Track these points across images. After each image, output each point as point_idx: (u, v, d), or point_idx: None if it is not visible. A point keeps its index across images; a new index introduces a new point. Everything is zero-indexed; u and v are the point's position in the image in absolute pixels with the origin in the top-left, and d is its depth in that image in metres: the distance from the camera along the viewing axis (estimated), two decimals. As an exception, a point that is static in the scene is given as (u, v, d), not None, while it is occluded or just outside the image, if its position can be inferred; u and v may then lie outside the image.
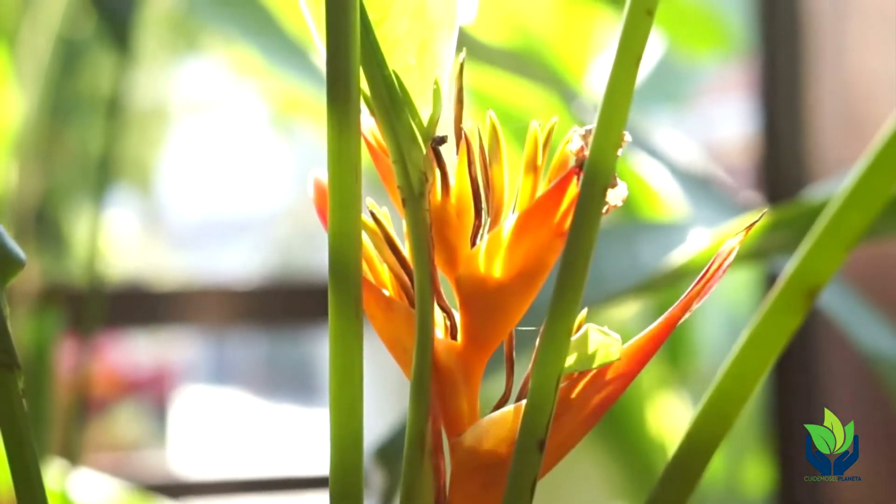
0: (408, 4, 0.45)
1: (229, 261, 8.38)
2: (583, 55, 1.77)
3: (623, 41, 0.41)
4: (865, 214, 0.35)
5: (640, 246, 0.79)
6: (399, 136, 0.44)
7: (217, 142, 8.29)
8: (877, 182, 0.35)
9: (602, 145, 0.41)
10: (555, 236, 0.43)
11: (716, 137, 6.10)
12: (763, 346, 0.37)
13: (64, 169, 2.71)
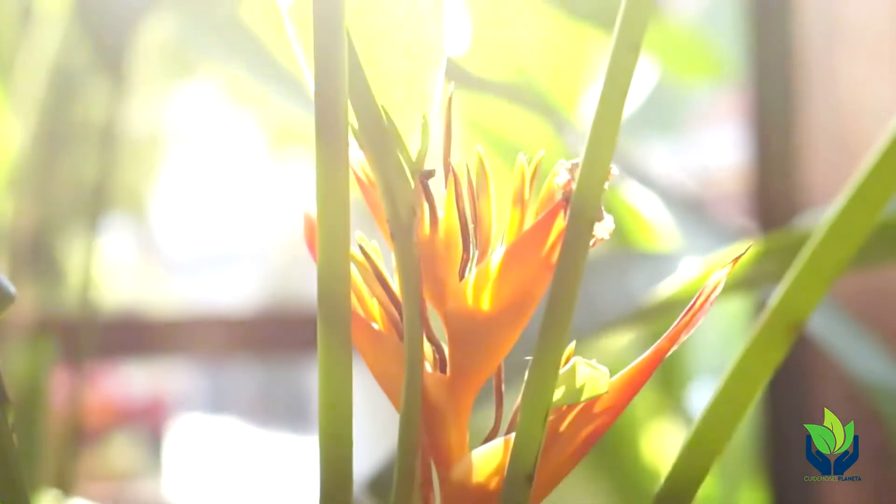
0: (396, 40, 0.45)
1: (225, 288, 8.38)
2: (576, 83, 1.77)
3: (608, 76, 0.41)
4: (846, 248, 0.35)
5: (632, 275, 0.80)
6: (387, 171, 0.44)
7: (212, 170, 8.29)
8: (856, 216, 0.35)
9: (589, 179, 0.41)
10: (542, 269, 0.43)
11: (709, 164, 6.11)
12: (747, 380, 0.37)
13: (59, 198, 2.71)
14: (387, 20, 0.45)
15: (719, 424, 0.39)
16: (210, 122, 5.31)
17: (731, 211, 5.17)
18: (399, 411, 0.44)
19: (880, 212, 0.36)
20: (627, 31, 0.40)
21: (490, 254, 0.45)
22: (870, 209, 0.36)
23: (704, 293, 0.43)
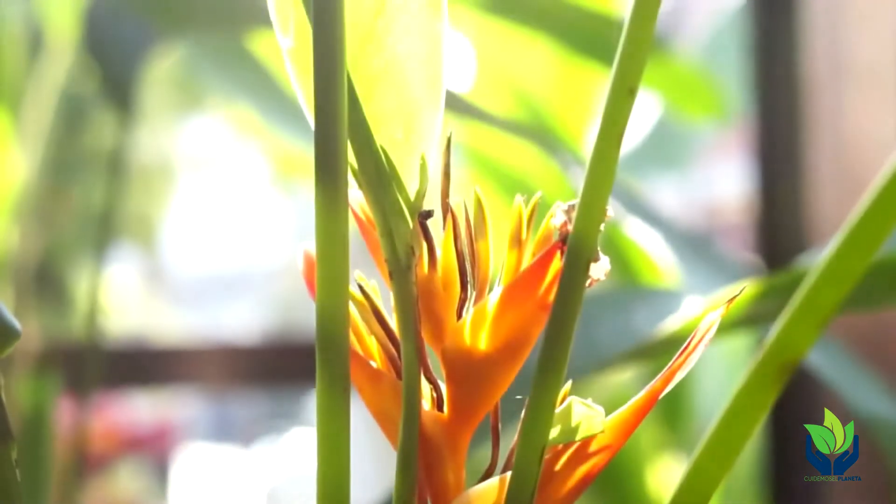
0: (395, 80, 0.46)
1: (230, 316, 8.38)
2: (582, 117, 1.78)
3: (605, 120, 0.41)
4: (840, 289, 0.35)
5: (634, 312, 0.80)
6: (386, 210, 0.45)
7: (218, 198, 8.31)
8: (850, 257, 0.35)
9: (585, 221, 0.42)
10: (539, 309, 0.43)
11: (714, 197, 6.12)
12: (741, 420, 0.38)
13: (67, 226, 2.72)
14: (386, 60, 0.46)
15: (714, 465, 0.39)
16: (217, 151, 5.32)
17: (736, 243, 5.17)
18: (397, 449, 0.45)
19: (875, 253, 0.36)
20: (624, 75, 0.41)
21: (487, 293, 0.45)
22: (864, 250, 0.36)
23: (699, 334, 0.44)
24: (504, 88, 1.73)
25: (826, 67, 1.46)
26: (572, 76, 1.77)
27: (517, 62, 1.76)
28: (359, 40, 0.46)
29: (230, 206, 8.54)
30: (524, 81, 1.75)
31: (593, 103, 1.79)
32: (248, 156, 4.28)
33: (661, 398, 0.45)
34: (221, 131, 4.06)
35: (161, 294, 7.01)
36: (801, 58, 1.47)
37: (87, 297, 1.54)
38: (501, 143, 1.52)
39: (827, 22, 1.46)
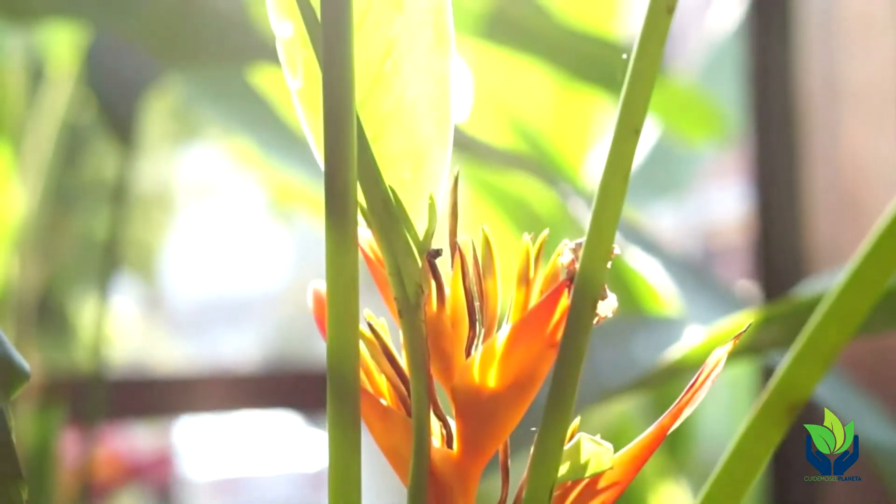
0: (403, 122, 0.46)
1: (230, 342, 8.38)
2: (582, 144, 1.79)
3: (610, 159, 0.42)
4: (843, 332, 0.36)
5: (636, 342, 0.80)
6: (395, 250, 0.45)
7: (217, 226, 8.32)
8: (853, 300, 0.36)
9: (592, 259, 0.42)
10: (547, 347, 0.44)
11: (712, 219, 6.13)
12: (748, 459, 0.38)
13: (67, 256, 2.72)
14: (394, 102, 0.46)
15: (722, 502, 0.39)
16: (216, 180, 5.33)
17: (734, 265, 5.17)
18: (407, 486, 0.45)
19: (877, 295, 0.37)
20: (629, 116, 0.41)
21: (496, 331, 0.46)
22: (868, 291, 0.37)
23: (706, 371, 0.44)
24: (502, 115, 1.73)
25: (821, 91, 1.47)
26: (571, 103, 1.77)
27: (515, 89, 1.77)
28: (368, 82, 0.46)
29: (229, 234, 8.55)
30: (522, 108, 1.76)
31: (592, 130, 1.80)
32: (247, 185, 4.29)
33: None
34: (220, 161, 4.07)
35: (161, 322, 7.01)
36: (796, 81, 1.48)
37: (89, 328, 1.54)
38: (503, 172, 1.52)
39: (822, 46, 1.46)
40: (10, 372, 0.47)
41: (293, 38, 0.47)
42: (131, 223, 2.97)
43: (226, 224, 8.37)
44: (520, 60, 1.57)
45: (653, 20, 0.41)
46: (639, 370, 0.77)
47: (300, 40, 0.47)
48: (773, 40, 1.50)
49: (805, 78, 1.47)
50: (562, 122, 1.77)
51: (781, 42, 1.49)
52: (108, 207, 1.61)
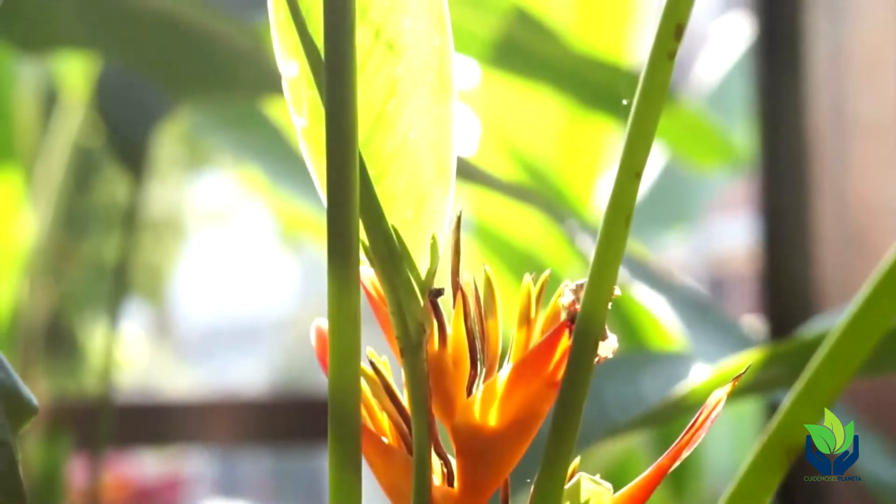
0: (406, 161, 0.47)
1: (238, 367, 8.39)
2: (589, 174, 1.79)
3: (612, 200, 0.42)
4: (842, 376, 0.36)
5: (641, 378, 0.80)
6: (398, 289, 0.46)
7: (226, 252, 8.34)
8: (852, 344, 0.36)
9: (593, 300, 0.43)
10: (548, 387, 0.44)
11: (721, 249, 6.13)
12: (747, 502, 0.38)
13: (77, 281, 2.73)
14: (397, 142, 0.47)
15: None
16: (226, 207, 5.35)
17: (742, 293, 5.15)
18: (407, 524, 0.45)
19: (877, 339, 0.37)
20: (631, 159, 0.42)
21: (497, 371, 0.46)
22: (868, 335, 0.37)
23: (705, 411, 0.44)
24: (507, 146, 1.74)
25: (830, 126, 1.48)
26: (578, 132, 1.78)
27: (520, 117, 1.78)
28: (371, 122, 0.47)
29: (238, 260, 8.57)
30: (528, 138, 1.77)
31: (600, 160, 1.80)
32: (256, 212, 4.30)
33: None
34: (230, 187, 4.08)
35: (169, 346, 7.01)
36: (805, 116, 1.48)
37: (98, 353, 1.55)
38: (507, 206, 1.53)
39: (831, 80, 1.47)
40: (19, 405, 0.47)
41: (298, 78, 0.48)
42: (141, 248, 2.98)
43: (235, 250, 8.39)
44: (527, 88, 1.57)
45: (655, 66, 0.41)
46: (645, 407, 0.77)
47: (305, 80, 0.48)
48: (781, 73, 1.50)
49: (814, 112, 1.48)
50: (569, 152, 1.78)
51: (790, 75, 1.49)
52: (119, 232, 1.62)
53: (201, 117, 1.55)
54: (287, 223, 2.44)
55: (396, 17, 0.46)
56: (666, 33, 0.41)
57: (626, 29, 1.77)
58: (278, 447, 3.62)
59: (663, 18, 0.41)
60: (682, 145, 1.59)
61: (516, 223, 1.62)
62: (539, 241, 1.61)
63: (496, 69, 1.47)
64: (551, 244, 1.59)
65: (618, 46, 1.75)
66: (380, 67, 0.46)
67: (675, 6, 0.41)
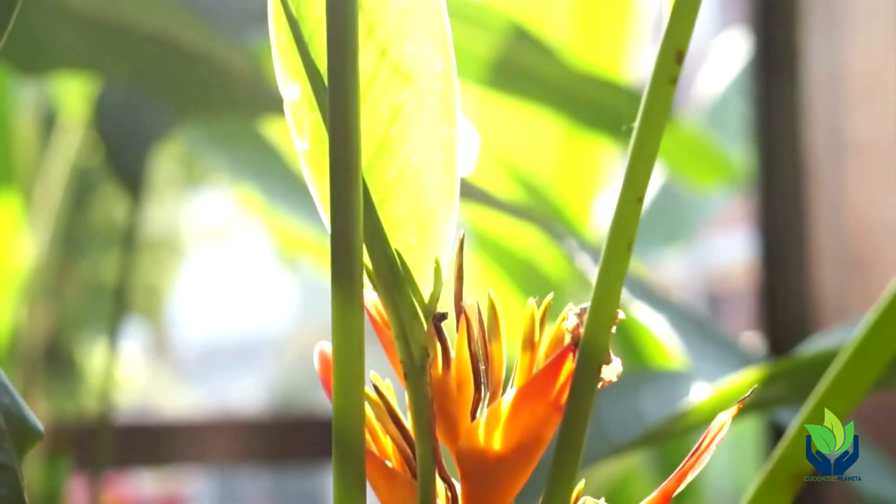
0: (409, 186, 0.47)
1: (236, 386, 8.38)
2: (587, 191, 1.79)
3: (614, 226, 0.42)
4: (848, 402, 0.36)
5: (642, 397, 0.81)
6: (401, 313, 0.46)
7: (224, 271, 8.34)
8: (857, 373, 0.36)
9: (596, 325, 0.43)
10: (552, 410, 0.44)
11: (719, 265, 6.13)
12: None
13: (75, 301, 2.73)
14: (400, 167, 0.47)
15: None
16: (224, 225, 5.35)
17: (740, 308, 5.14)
18: (412, 548, 0.45)
19: (884, 365, 0.37)
20: (632, 184, 0.42)
21: (501, 395, 0.46)
22: (871, 365, 0.37)
23: (710, 435, 0.44)
24: (506, 164, 1.74)
25: (827, 145, 1.48)
26: (577, 150, 1.78)
27: (520, 136, 1.78)
28: (374, 147, 0.47)
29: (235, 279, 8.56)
30: (528, 156, 1.77)
31: (598, 178, 1.80)
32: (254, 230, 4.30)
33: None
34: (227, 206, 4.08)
35: (167, 366, 7.01)
36: (802, 135, 1.49)
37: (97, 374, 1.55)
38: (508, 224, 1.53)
39: (827, 100, 1.47)
40: (24, 430, 0.47)
41: (300, 101, 0.48)
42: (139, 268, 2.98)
43: (232, 269, 8.39)
44: (526, 107, 1.57)
45: (656, 90, 0.41)
46: (645, 426, 0.77)
47: (307, 104, 0.48)
48: (779, 91, 1.51)
49: (811, 130, 1.48)
50: (567, 168, 1.78)
51: (788, 93, 1.50)
52: (117, 252, 1.61)
53: (198, 136, 1.55)
54: (284, 242, 2.44)
55: (400, 42, 0.47)
56: (667, 59, 0.41)
57: (624, 46, 1.77)
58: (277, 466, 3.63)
59: (664, 44, 0.41)
60: (681, 164, 1.59)
61: (516, 231, 1.62)
62: (540, 247, 1.61)
63: (495, 88, 1.47)
64: (551, 252, 1.59)
65: (616, 64, 1.75)
66: (383, 92, 0.47)
67: (676, 32, 0.41)
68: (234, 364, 8.85)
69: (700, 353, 0.92)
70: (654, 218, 1.80)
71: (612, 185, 1.84)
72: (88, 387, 2.58)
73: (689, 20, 0.41)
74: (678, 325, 0.93)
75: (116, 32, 1.11)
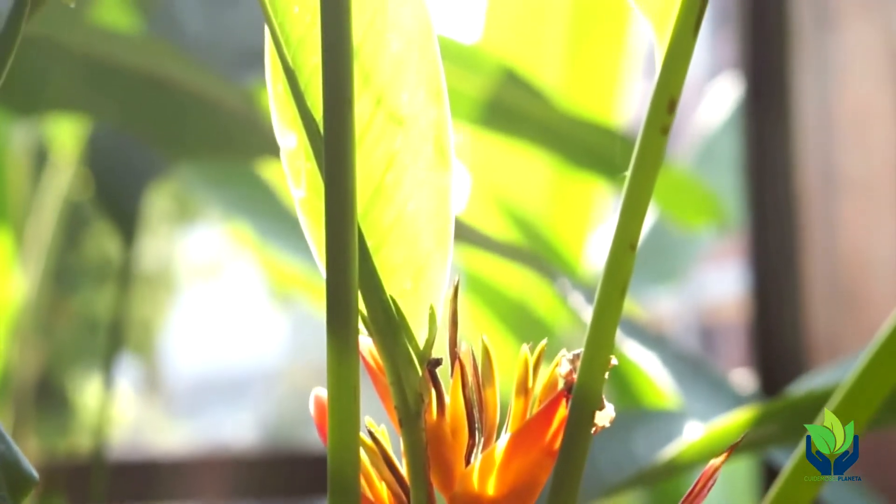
0: (404, 233, 0.47)
1: (228, 421, 8.36)
2: (580, 230, 1.80)
3: (607, 273, 0.43)
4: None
5: (635, 437, 0.81)
6: (396, 359, 0.46)
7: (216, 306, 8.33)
8: (849, 415, 0.37)
9: (590, 371, 0.43)
10: (546, 456, 0.45)
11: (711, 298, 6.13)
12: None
13: (67, 337, 2.72)
14: (395, 214, 0.47)
15: None
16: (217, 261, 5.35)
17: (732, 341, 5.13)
18: None
19: (875, 408, 0.38)
20: (625, 231, 0.42)
21: (495, 440, 0.46)
22: (863, 406, 0.38)
23: (703, 479, 0.45)
24: (499, 202, 1.75)
25: (818, 183, 1.48)
26: (569, 189, 1.79)
27: (512, 175, 1.78)
28: (369, 194, 0.47)
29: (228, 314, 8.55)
30: (519, 195, 1.77)
31: (591, 216, 1.81)
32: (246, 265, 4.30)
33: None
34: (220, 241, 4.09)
35: (159, 401, 6.99)
36: (793, 173, 1.49)
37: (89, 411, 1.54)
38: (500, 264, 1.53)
39: (819, 137, 1.48)
40: (19, 477, 0.48)
41: (297, 150, 0.49)
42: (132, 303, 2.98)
43: (224, 304, 8.38)
44: (517, 147, 1.58)
45: (648, 140, 0.42)
46: (638, 466, 0.78)
47: (303, 152, 0.48)
48: (770, 131, 1.51)
49: (802, 169, 1.49)
50: (560, 209, 1.79)
51: (779, 133, 1.50)
52: (110, 287, 1.61)
53: (191, 173, 1.55)
54: (276, 278, 2.44)
55: (395, 90, 0.47)
56: (659, 108, 0.41)
57: (615, 87, 1.78)
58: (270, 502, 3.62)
59: (656, 94, 0.42)
60: (672, 204, 1.59)
61: (508, 271, 1.62)
62: (532, 287, 1.62)
63: (487, 128, 1.47)
64: (544, 291, 1.60)
65: (607, 104, 1.76)
66: (378, 140, 0.47)
67: (668, 81, 0.42)
68: (226, 399, 8.82)
69: (692, 392, 0.92)
70: (645, 257, 1.80)
71: (604, 223, 1.85)
72: (81, 423, 2.57)
73: (681, 71, 0.41)
74: (670, 364, 0.93)
75: (109, 74, 1.11)
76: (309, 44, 0.47)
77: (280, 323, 8.15)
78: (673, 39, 0.41)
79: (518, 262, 1.13)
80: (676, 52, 0.41)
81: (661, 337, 1.05)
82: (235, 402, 8.70)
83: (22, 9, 0.49)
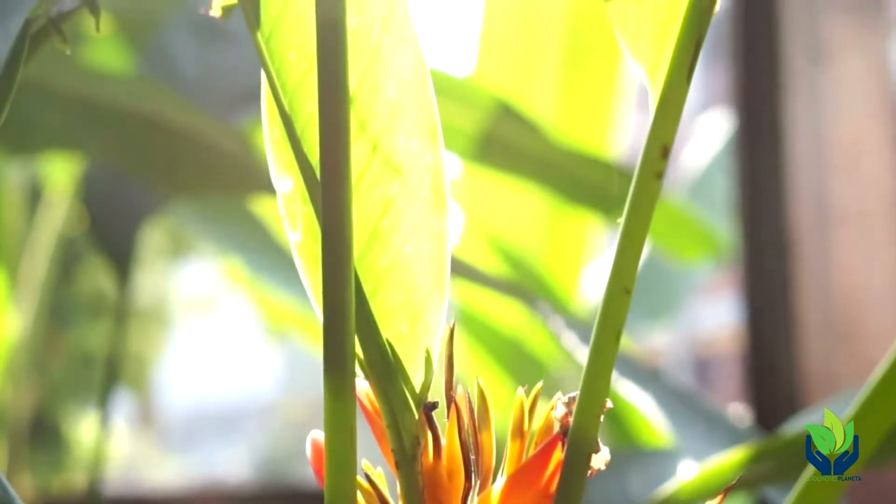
0: (401, 276, 0.48)
1: (222, 455, 8.34)
2: (574, 265, 1.80)
3: (602, 317, 0.43)
4: (833, 493, 0.37)
5: (630, 475, 0.81)
6: (392, 402, 0.47)
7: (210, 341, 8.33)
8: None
9: (585, 414, 0.44)
10: (541, 499, 0.45)
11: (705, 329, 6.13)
12: None
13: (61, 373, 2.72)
14: (392, 258, 0.48)
15: None
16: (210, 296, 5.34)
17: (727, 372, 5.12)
18: None
19: (871, 450, 0.38)
20: (620, 276, 0.43)
21: (491, 483, 0.47)
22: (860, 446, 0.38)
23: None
24: (492, 237, 1.75)
25: (812, 216, 1.49)
26: (561, 222, 1.79)
27: (506, 211, 1.78)
28: (366, 238, 0.48)
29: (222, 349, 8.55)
30: (513, 230, 1.77)
31: (585, 251, 1.81)
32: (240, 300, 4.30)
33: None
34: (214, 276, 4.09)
35: (153, 436, 6.97)
36: (786, 206, 1.50)
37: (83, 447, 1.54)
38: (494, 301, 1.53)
39: (811, 171, 1.48)
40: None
41: (293, 194, 0.49)
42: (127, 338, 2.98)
43: (218, 339, 8.38)
44: (511, 182, 1.58)
45: (642, 185, 0.42)
46: (633, 504, 0.78)
47: (300, 196, 0.49)
48: (763, 164, 1.52)
49: (795, 202, 1.49)
50: (553, 243, 1.79)
51: (772, 166, 1.51)
52: (104, 323, 1.61)
53: (185, 210, 1.55)
54: (270, 313, 2.44)
55: (391, 136, 0.47)
56: (653, 154, 0.42)
57: (609, 119, 1.78)
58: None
59: (649, 140, 0.42)
60: (666, 239, 1.60)
61: (502, 308, 1.62)
62: (526, 323, 1.62)
63: (481, 163, 1.48)
64: (537, 328, 1.60)
65: (601, 136, 1.77)
66: (375, 184, 0.47)
67: (661, 127, 0.42)
68: (219, 433, 8.80)
69: (687, 429, 0.92)
70: (639, 292, 1.80)
71: (599, 257, 1.85)
72: (75, 459, 2.57)
73: (674, 118, 0.42)
74: (665, 401, 0.93)
75: (102, 114, 1.11)
76: (305, 90, 0.47)
77: (274, 357, 8.15)
78: (665, 87, 0.41)
79: (510, 296, 1.13)
80: (669, 100, 0.42)
81: (656, 372, 1.05)
82: (229, 436, 8.69)
83: (20, 54, 0.50)
